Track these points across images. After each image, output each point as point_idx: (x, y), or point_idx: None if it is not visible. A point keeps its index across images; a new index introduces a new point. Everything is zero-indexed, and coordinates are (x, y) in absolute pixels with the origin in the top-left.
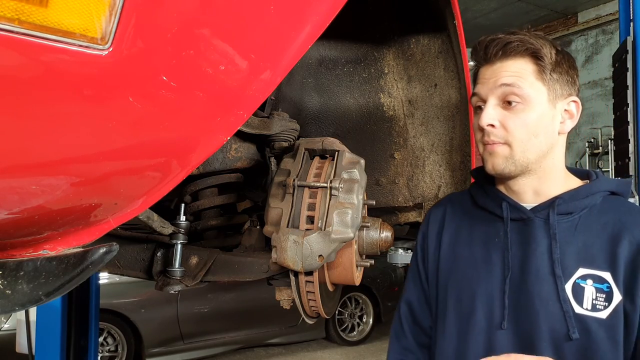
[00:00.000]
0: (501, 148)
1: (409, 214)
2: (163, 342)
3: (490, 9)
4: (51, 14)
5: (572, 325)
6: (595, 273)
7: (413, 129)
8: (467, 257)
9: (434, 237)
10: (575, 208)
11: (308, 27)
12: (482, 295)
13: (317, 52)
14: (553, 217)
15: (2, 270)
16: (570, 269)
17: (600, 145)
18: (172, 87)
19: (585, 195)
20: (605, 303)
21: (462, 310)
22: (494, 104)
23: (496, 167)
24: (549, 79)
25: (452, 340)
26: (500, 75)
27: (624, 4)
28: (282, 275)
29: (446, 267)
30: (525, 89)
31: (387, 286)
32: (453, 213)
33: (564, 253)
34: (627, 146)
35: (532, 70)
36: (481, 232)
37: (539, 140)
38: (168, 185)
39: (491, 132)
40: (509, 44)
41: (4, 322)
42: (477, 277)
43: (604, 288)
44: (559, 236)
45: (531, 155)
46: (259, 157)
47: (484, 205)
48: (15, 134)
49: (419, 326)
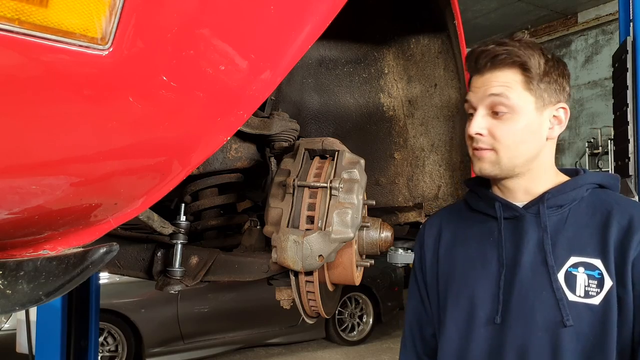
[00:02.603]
0: (488, 154)
1: (409, 214)
2: (163, 342)
3: (490, 9)
4: (51, 14)
5: (566, 313)
6: (586, 260)
7: (413, 129)
8: (464, 257)
9: (430, 245)
10: (564, 201)
11: (308, 27)
12: (480, 293)
13: (317, 52)
14: (543, 210)
15: (2, 270)
16: (562, 258)
17: (600, 145)
18: (172, 87)
19: (572, 188)
20: (597, 289)
21: (461, 310)
22: (482, 113)
23: (483, 170)
24: (537, 88)
25: (453, 341)
26: (489, 86)
27: (623, 4)
28: (282, 275)
29: (445, 270)
30: (513, 99)
31: (387, 286)
32: (449, 220)
33: (555, 244)
34: (627, 146)
35: (519, 80)
36: (477, 232)
37: (525, 146)
38: (168, 185)
39: (479, 139)
40: (497, 56)
41: (4, 322)
42: (474, 277)
43: (595, 275)
44: (550, 228)
45: (518, 160)
46: (259, 157)
47: (478, 207)
48: (16, 134)
49: (424, 337)
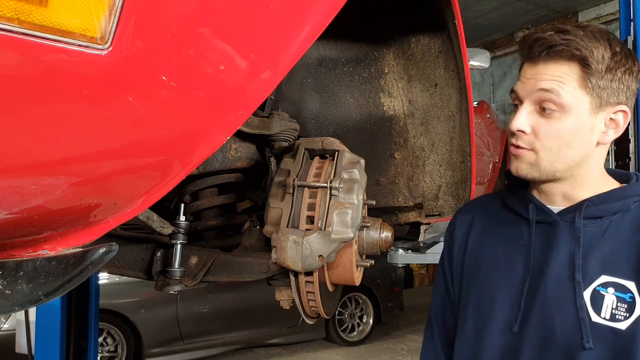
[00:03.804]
0: (527, 154)
1: (409, 214)
2: (163, 342)
3: (490, 9)
4: (51, 14)
5: (587, 334)
6: (618, 281)
7: (413, 128)
8: (490, 258)
9: (460, 237)
10: (605, 212)
11: (308, 27)
12: (501, 298)
13: (317, 52)
14: (579, 220)
15: (1, 270)
16: (592, 275)
17: None
18: (172, 87)
19: (618, 198)
20: (626, 314)
21: (480, 312)
22: (529, 109)
23: (519, 171)
24: (595, 86)
25: (469, 341)
26: (540, 79)
27: (624, 3)
28: (282, 276)
29: (470, 268)
30: (564, 97)
31: (387, 286)
32: (482, 214)
33: (587, 258)
34: (627, 146)
35: (576, 76)
36: (506, 233)
37: (570, 151)
38: (168, 185)
39: (520, 137)
40: (553, 47)
41: (4, 322)
42: (497, 279)
43: (627, 298)
44: (584, 241)
45: (560, 165)
46: (259, 157)
47: (512, 206)
48: (15, 133)
49: (447, 327)
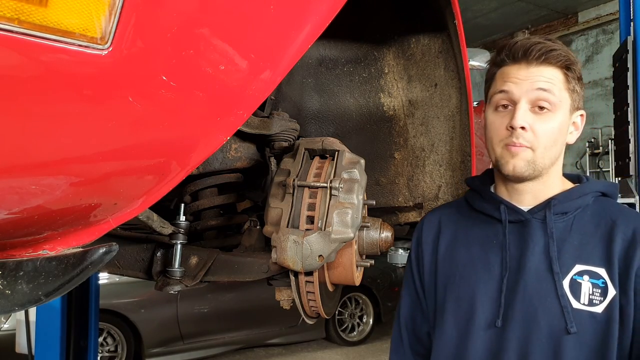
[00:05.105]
0: (525, 152)
1: (409, 214)
2: (163, 342)
3: (490, 9)
4: (51, 14)
5: (571, 320)
6: (591, 269)
7: (413, 128)
8: (465, 259)
9: (429, 243)
10: (570, 208)
11: (308, 26)
12: (481, 296)
13: (317, 52)
14: (550, 216)
15: (1, 270)
16: (567, 265)
17: (600, 145)
18: (172, 87)
19: (578, 195)
20: (600, 298)
21: (460, 312)
22: (526, 107)
23: (517, 169)
24: (573, 89)
25: (451, 342)
26: (537, 79)
27: (624, 3)
28: (282, 276)
29: (444, 271)
30: (557, 96)
31: (387, 286)
32: (449, 218)
33: (561, 251)
34: (627, 146)
35: (561, 79)
36: (479, 234)
37: (556, 147)
38: (168, 185)
39: (521, 134)
40: (553, 51)
41: (4, 322)
42: (475, 278)
43: (600, 283)
44: (555, 235)
45: (548, 162)
46: (259, 157)
47: (481, 208)
48: (15, 133)
49: (418, 335)
